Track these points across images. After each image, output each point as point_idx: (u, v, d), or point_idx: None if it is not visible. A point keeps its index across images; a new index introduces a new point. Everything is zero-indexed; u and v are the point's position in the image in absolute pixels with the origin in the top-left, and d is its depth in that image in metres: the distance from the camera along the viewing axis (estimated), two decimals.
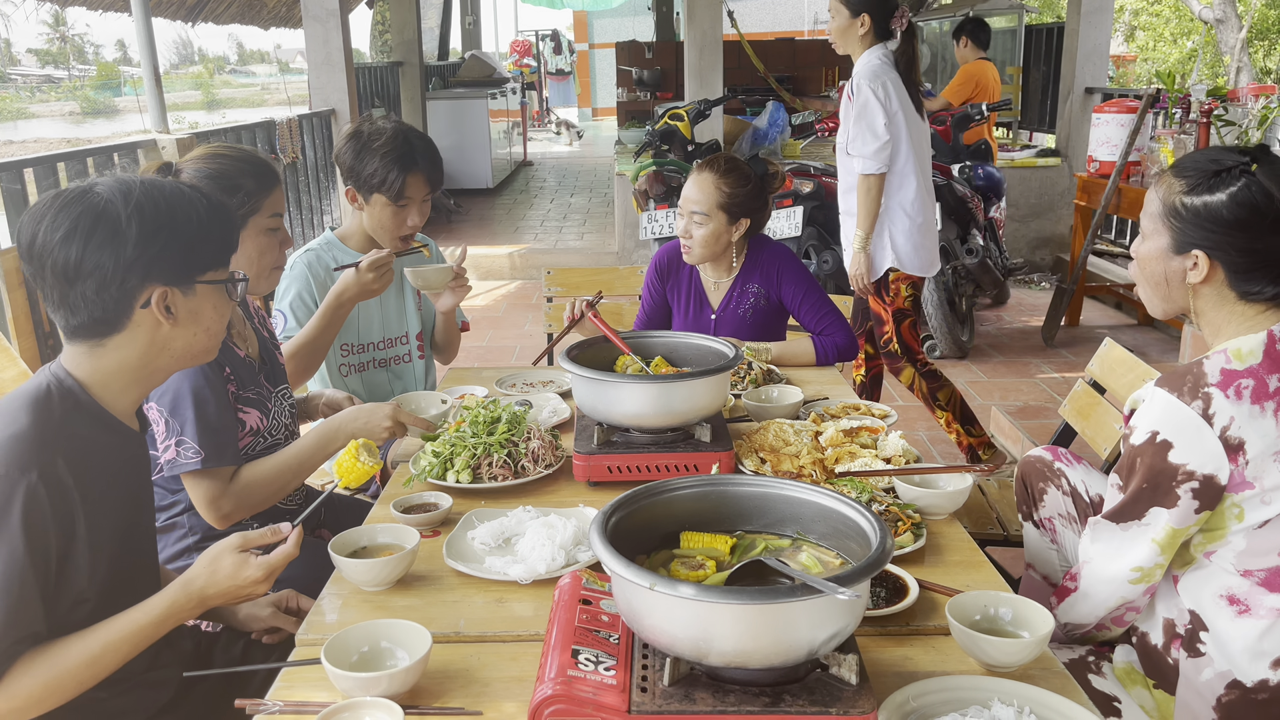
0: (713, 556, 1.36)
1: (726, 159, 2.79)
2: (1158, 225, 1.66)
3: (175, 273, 1.44)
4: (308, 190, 6.82)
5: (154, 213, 1.41)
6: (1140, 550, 1.65)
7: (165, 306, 1.44)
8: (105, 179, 1.43)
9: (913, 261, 3.56)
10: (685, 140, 5.81)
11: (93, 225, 1.38)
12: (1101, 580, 1.71)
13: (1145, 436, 1.62)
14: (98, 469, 1.44)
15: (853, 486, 1.84)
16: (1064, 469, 2.12)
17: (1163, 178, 1.67)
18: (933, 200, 3.65)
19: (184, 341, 1.49)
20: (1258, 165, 1.58)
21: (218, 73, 58.24)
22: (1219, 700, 1.62)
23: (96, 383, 1.46)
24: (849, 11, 3.47)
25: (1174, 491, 1.60)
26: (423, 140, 2.61)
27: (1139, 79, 16.17)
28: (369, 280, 2.40)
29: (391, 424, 1.99)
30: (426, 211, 2.66)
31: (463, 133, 10.61)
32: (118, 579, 1.49)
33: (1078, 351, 5.48)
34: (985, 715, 1.22)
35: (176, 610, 1.45)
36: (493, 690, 1.35)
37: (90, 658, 1.39)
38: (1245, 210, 1.56)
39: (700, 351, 2.20)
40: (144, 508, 1.60)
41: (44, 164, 3.95)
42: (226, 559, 1.45)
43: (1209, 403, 1.56)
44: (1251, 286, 1.60)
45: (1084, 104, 7.16)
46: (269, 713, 1.31)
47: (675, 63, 11.12)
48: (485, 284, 7.49)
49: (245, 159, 2.04)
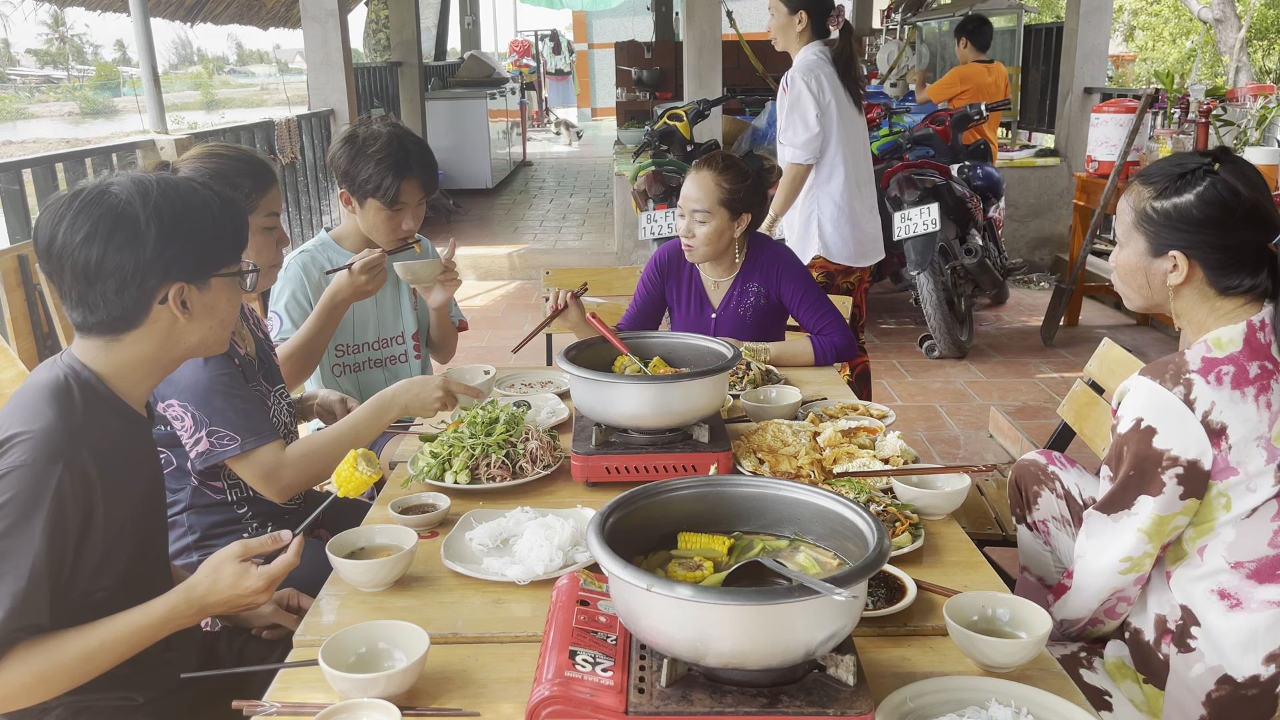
0: (710, 557, 1.36)
1: (724, 156, 2.79)
2: (1132, 232, 1.71)
3: (192, 270, 1.48)
4: (306, 191, 6.82)
5: (171, 213, 1.44)
6: (1127, 539, 1.67)
7: (182, 302, 1.47)
8: (121, 178, 1.45)
9: (840, 251, 3.72)
10: (684, 140, 5.82)
11: (113, 227, 1.40)
12: (1093, 573, 1.73)
13: (1130, 424, 1.65)
14: (119, 458, 1.47)
15: (851, 487, 1.84)
16: (1058, 472, 2.13)
17: (1131, 186, 1.72)
18: (867, 192, 3.80)
19: (199, 335, 1.53)
20: (1219, 164, 1.63)
21: (216, 73, 58.25)
22: (1209, 696, 1.63)
23: (112, 374, 1.49)
24: (787, 9, 3.68)
25: (1159, 478, 1.62)
26: (418, 145, 2.61)
27: (1138, 79, 16.17)
28: (362, 282, 2.41)
29: (443, 394, 2.06)
30: (421, 215, 2.66)
31: (462, 133, 10.60)
32: (132, 570, 1.51)
33: (1077, 351, 5.48)
34: (983, 716, 1.22)
35: (176, 615, 1.46)
36: (490, 691, 1.35)
37: (86, 653, 1.39)
38: (1214, 207, 1.61)
39: (698, 352, 2.20)
40: (157, 498, 1.63)
41: (42, 164, 3.95)
42: (228, 568, 1.46)
43: (1190, 388, 1.59)
44: (1230, 281, 1.64)
45: (1083, 104, 7.16)
46: (266, 714, 1.31)
47: (674, 63, 11.12)
48: (484, 284, 7.49)
49: (242, 158, 2.05)
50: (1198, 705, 1.64)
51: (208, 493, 2.04)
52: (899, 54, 10.25)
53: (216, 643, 1.81)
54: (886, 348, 5.70)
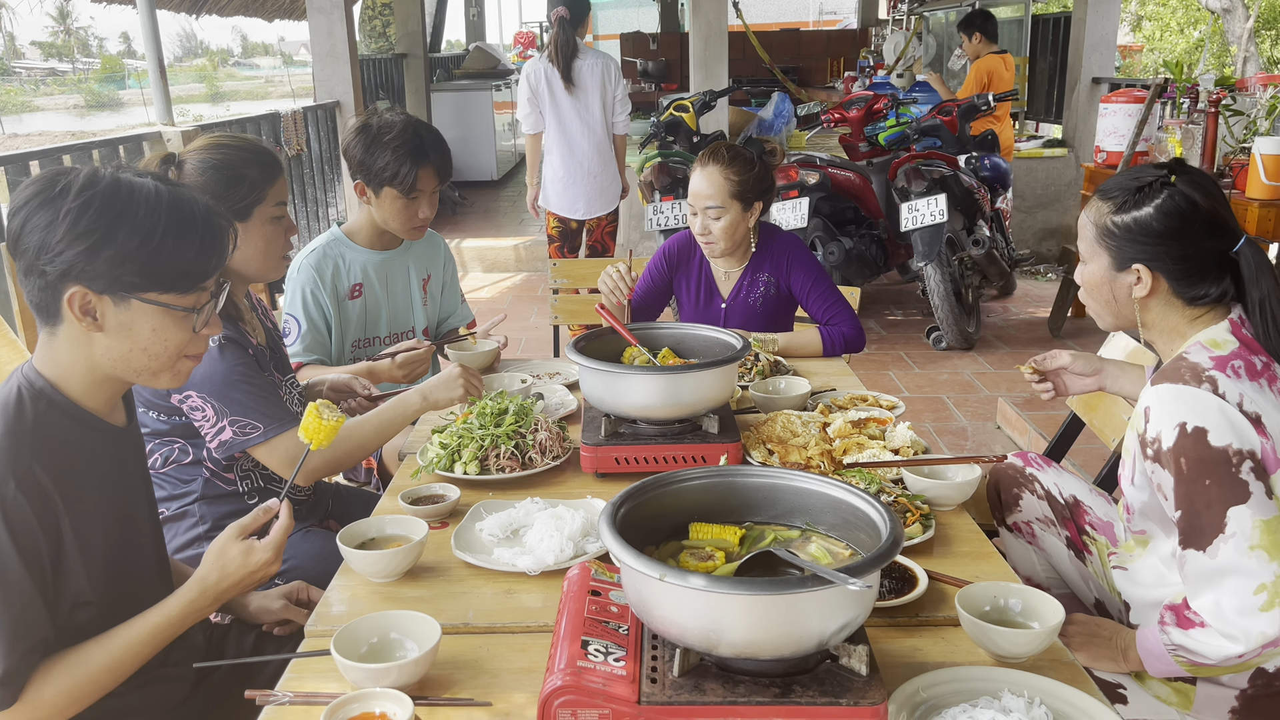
0: (722, 547, 1.36)
1: (727, 148, 2.77)
2: (1095, 248, 1.71)
3: (100, 279, 1.35)
4: (313, 183, 6.82)
5: (99, 212, 1.34)
6: (1248, 565, 1.49)
7: (84, 309, 1.36)
8: (96, 166, 1.40)
9: (556, 202, 5.13)
10: (690, 131, 5.80)
11: (40, 204, 1.34)
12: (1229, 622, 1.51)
13: (1174, 434, 1.55)
14: (79, 469, 1.42)
15: (861, 477, 1.83)
16: (1036, 474, 2.11)
17: (1091, 203, 1.73)
18: (573, 159, 5.02)
19: (119, 354, 1.40)
20: (1175, 176, 1.64)
21: (222, 65, 58.20)
22: (1242, 692, 1.62)
23: (64, 380, 1.42)
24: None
25: (1237, 478, 1.50)
26: (431, 133, 2.62)
27: (1145, 69, 16.10)
28: (400, 375, 2.48)
29: (464, 387, 2.12)
30: (435, 203, 2.67)
31: (467, 125, 10.59)
32: (117, 577, 1.48)
33: (1084, 342, 5.46)
34: (995, 706, 1.22)
35: (195, 609, 1.46)
36: (502, 681, 1.35)
37: (112, 662, 1.39)
38: (1174, 219, 1.62)
39: (707, 343, 2.20)
40: (138, 502, 1.57)
41: (49, 156, 3.96)
42: (232, 550, 1.47)
43: (1215, 384, 1.56)
44: (1196, 291, 1.65)
45: (1091, 94, 7.12)
46: (278, 704, 1.31)
47: (680, 54, 11.10)
48: (490, 276, 7.49)
49: (248, 148, 2.03)
50: (1230, 698, 1.63)
51: (220, 484, 2.05)
52: (905, 44, 10.22)
53: (226, 639, 1.80)
54: (893, 339, 5.69)
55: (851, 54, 11.87)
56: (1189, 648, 1.55)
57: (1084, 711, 1.23)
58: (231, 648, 1.78)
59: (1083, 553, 2.03)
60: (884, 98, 6.13)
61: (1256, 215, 4.37)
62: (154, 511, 1.64)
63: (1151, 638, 1.61)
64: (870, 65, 10.31)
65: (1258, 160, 4.38)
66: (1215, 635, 1.52)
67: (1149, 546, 1.80)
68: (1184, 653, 1.56)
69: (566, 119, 4.96)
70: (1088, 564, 2.03)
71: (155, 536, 1.63)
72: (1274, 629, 1.47)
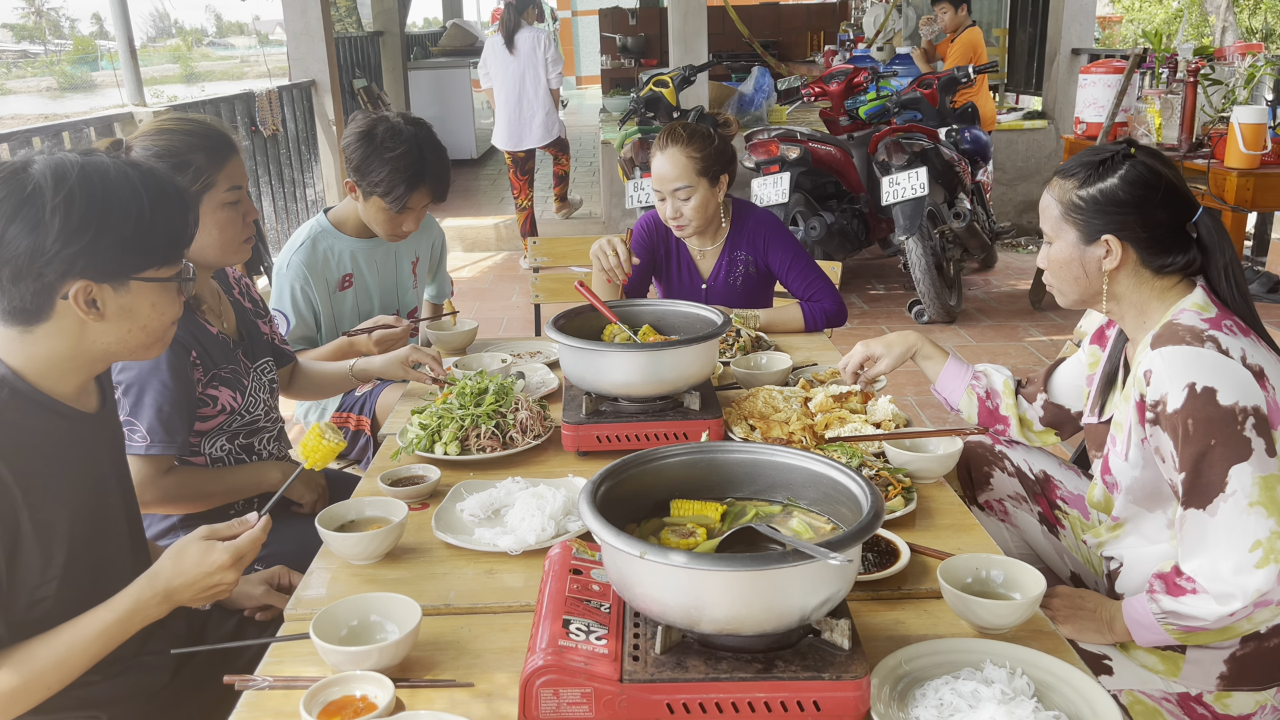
0: (703, 524, 1.35)
1: (683, 126, 2.73)
2: (1061, 225, 1.72)
3: (104, 269, 1.33)
4: (289, 163, 6.75)
5: (85, 205, 1.30)
6: (1245, 523, 1.50)
7: (89, 302, 1.34)
8: (46, 157, 1.33)
9: (501, 140, 7.04)
10: (670, 107, 5.76)
11: (15, 210, 1.28)
12: (1222, 580, 1.52)
13: (1183, 394, 1.54)
14: (42, 457, 1.37)
15: (843, 451, 1.83)
16: (1005, 451, 2.12)
17: (1051, 183, 1.75)
18: (511, 105, 6.98)
19: (116, 337, 1.39)
20: (1134, 149, 1.67)
21: (196, 45, 57.44)
22: (1231, 654, 1.63)
23: (31, 370, 1.38)
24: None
25: (1241, 435, 1.51)
26: (435, 154, 2.54)
27: (1124, 40, 16.10)
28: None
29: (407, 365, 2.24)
30: (422, 219, 2.66)
31: (445, 103, 10.51)
32: (81, 567, 1.42)
33: (1065, 315, 5.48)
34: (977, 677, 1.22)
35: (142, 606, 1.37)
36: (484, 661, 1.35)
37: (56, 660, 1.33)
38: (1139, 187, 1.64)
39: (688, 319, 2.19)
40: (108, 489, 1.52)
41: (17, 139, 3.90)
42: (191, 547, 1.38)
43: (1218, 342, 1.57)
44: (1164, 260, 1.66)
45: (1070, 65, 7.11)
46: (258, 688, 1.30)
47: (659, 29, 11.01)
48: (471, 255, 7.44)
49: (195, 132, 1.92)
50: (1219, 663, 1.64)
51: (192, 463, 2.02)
52: (885, 17, 10.17)
53: (206, 625, 1.77)
54: (875, 313, 5.69)
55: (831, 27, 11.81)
56: (1180, 613, 1.55)
57: (1066, 681, 1.23)
58: (211, 634, 1.76)
59: (1055, 527, 2.04)
60: (864, 71, 6.10)
61: (1235, 184, 4.38)
62: (129, 497, 1.60)
63: (1139, 607, 1.62)
64: (850, 39, 10.26)
65: (1236, 129, 4.39)
66: (1208, 599, 1.53)
67: (1125, 528, 1.79)
68: (1174, 619, 1.57)
69: (510, 77, 6.94)
70: (1061, 538, 2.03)
71: (131, 523, 1.59)
72: (1268, 584, 1.48)
